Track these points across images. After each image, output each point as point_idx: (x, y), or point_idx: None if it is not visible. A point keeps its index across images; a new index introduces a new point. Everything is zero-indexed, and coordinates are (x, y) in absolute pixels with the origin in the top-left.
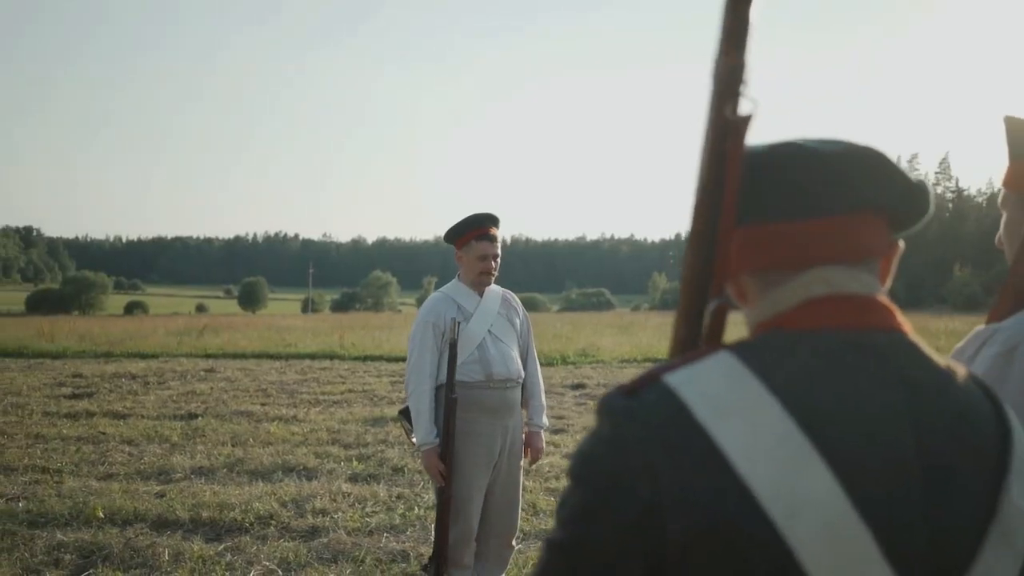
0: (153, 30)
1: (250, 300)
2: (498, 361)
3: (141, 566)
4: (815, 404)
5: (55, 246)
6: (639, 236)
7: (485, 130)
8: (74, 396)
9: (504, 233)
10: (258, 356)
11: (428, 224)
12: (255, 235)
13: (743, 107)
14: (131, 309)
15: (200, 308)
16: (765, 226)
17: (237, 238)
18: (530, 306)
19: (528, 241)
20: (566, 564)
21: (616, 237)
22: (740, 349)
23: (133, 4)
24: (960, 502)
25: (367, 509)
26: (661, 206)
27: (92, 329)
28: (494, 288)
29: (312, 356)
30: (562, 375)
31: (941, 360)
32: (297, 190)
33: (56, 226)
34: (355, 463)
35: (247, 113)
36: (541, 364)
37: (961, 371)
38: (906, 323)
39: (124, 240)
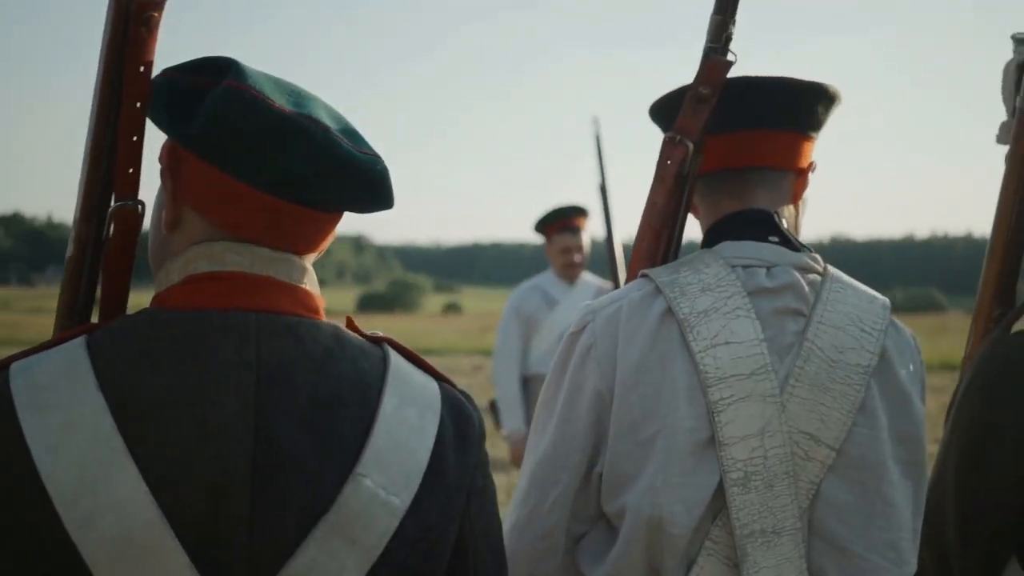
0: (471, 39)
1: None
2: None
3: None
4: (147, 399)
5: (384, 252)
6: (977, 233)
7: None
8: None
9: (821, 233)
10: None
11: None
12: None
13: None
14: (447, 310)
15: None
16: (213, 169)
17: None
18: None
19: (848, 241)
20: None
21: (949, 235)
22: (100, 334)
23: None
24: (295, 492)
25: None
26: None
27: (392, 327)
28: (589, 280)
29: None
30: None
31: (337, 342)
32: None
33: (384, 233)
34: None
35: (558, 119)
36: None
37: (354, 354)
38: (305, 303)
39: (444, 246)
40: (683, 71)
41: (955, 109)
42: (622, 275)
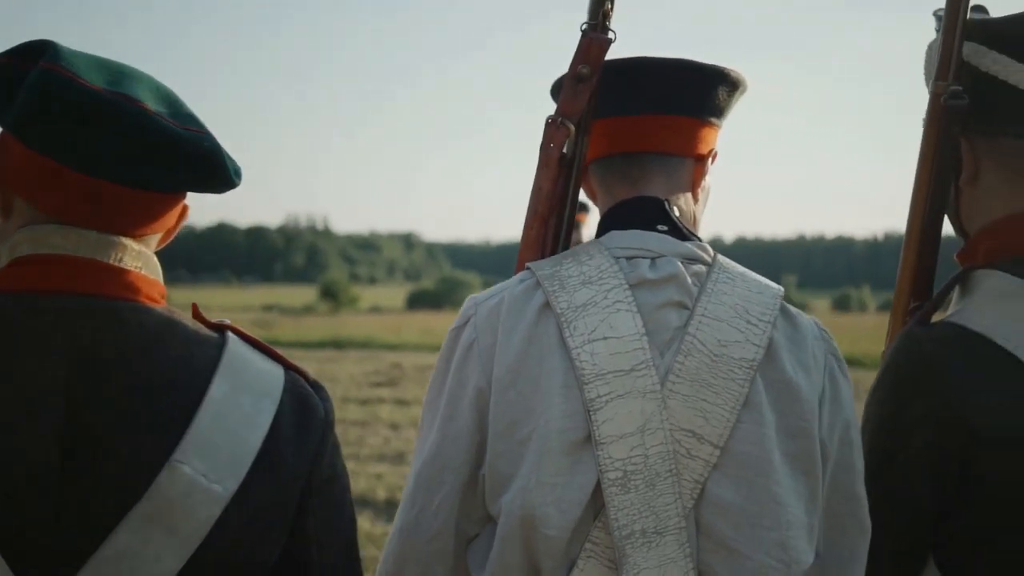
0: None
1: None
2: None
3: None
4: None
5: (433, 249)
6: None
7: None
8: (378, 384)
9: (877, 229)
10: None
11: (791, 221)
12: None
13: None
14: None
15: None
16: (33, 153)
17: None
18: None
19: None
20: None
21: None
22: None
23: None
24: (108, 479)
25: None
26: None
27: (441, 324)
28: None
29: None
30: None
31: (168, 328)
32: None
33: (433, 231)
34: None
35: None
36: None
37: (185, 340)
38: (134, 287)
39: (493, 243)
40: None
41: None
42: None
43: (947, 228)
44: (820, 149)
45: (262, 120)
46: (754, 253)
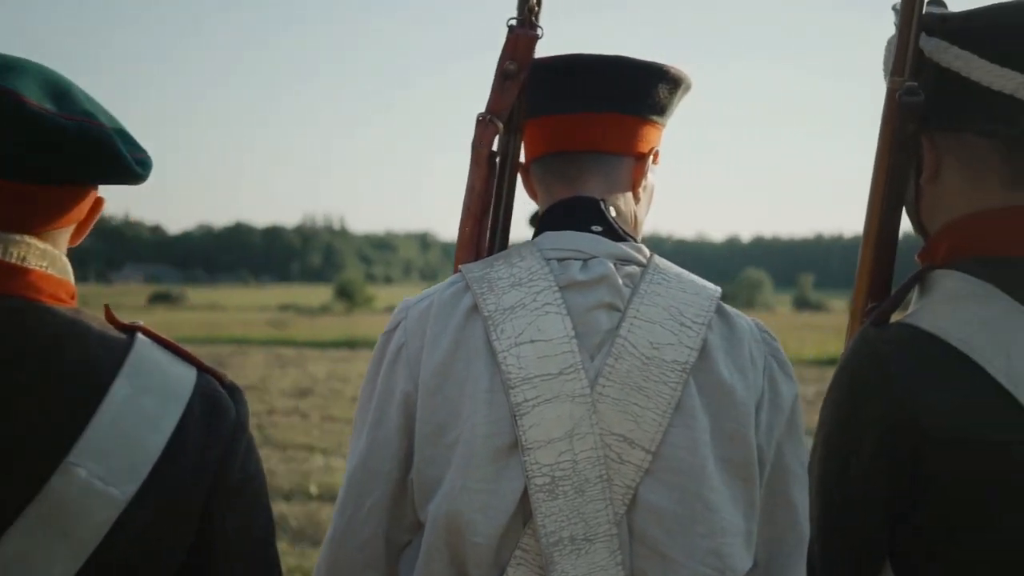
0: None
1: None
2: None
3: (308, 540)
4: None
5: (449, 249)
6: None
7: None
8: None
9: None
10: None
11: (809, 221)
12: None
13: None
14: None
15: None
16: None
17: None
18: None
19: None
20: None
21: None
22: None
23: None
24: (1, 481)
25: None
26: None
27: None
28: None
29: None
30: None
31: (71, 329)
32: (674, 189)
33: (449, 231)
34: None
35: None
36: None
37: (89, 341)
38: (37, 287)
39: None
40: (714, 82)
41: None
42: None
43: (908, 228)
44: (835, 148)
45: (278, 120)
46: (772, 253)
